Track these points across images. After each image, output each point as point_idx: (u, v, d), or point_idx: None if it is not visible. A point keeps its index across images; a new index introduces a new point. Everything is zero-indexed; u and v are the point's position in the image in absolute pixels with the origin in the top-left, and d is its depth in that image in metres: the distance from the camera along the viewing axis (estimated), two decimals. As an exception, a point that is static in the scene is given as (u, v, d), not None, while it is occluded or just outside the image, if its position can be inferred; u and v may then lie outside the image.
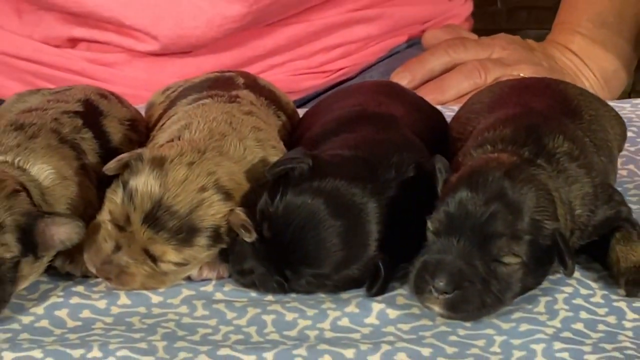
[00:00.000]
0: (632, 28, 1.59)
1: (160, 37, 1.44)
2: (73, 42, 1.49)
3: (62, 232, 0.95)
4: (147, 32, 1.44)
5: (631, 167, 1.19)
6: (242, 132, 1.03)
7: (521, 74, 1.47)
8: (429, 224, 0.95)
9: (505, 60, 1.51)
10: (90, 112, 1.07)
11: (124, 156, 0.98)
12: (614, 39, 1.59)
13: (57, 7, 1.43)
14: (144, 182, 0.96)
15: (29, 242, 0.94)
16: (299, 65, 1.52)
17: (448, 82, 1.48)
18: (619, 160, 1.13)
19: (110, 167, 0.98)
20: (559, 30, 1.61)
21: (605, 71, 1.59)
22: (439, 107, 1.23)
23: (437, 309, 0.94)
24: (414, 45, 1.58)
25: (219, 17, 1.43)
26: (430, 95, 1.44)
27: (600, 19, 1.58)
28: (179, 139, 1.01)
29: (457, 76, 1.48)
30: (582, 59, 1.58)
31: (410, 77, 1.47)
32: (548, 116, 1.04)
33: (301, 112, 1.20)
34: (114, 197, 0.97)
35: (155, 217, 0.95)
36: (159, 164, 0.97)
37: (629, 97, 1.41)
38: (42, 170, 0.98)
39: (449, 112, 1.20)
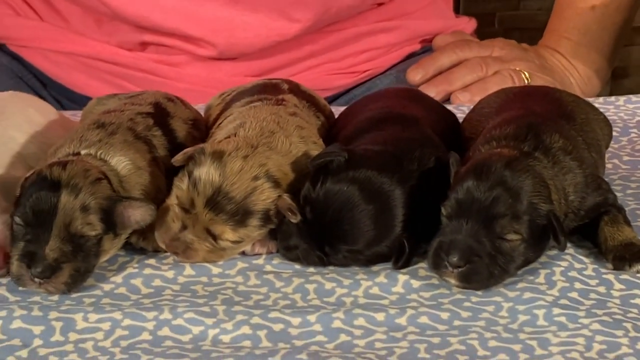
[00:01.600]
0: (612, 37, 1.58)
1: (217, 45, 1.43)
2: (143, 46, 1.48)
3: (137, 214, 0.94)
4: (206, 41, 1.43)
5: (615, 161, 1.18)
6: (288, 130, 1.02)
7: (517, 68, 1.47)
8: (443, 210, 0.94)
9: (504, 57, 1.50)
10: (160, 113, 1.06)
11: (188, 150, 0.98)
12: (595, 45, 1.57)
13: (129, 21, 1.43)
14: (206, 172, 0.95)
15: (110, 222, 0.93)
16: (332, 66, 1.52)
17: (455, 75, 1.47)
18: (605, 156, 1.12)
19: (177, 159, 0.98)
20: (549, 36, 1.60)
21: (587, 71, 1.57)
22: (451, 108, 1.21)
23: (452, 281, 0.94)
24: (426, 51, 1.58)
25: (265, 30, 1.43)
26: (440, 86, 1.44)
27: (584, 27, 1.57)
28: (235, 136, 1.00)
29: (463, 70, 1.48)
30: (568, 60, 1.57)
31: (424, 72, 1.47)
32: (546, 117, 1.04)
33: (334, 108, 1.19)
34: (181, 185, 0.97)
35: (216, 201, 0.95)
36: (218, 156, 0.96)
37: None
38: (120, 162, 0.97)
39: (460, 114, 1.19)
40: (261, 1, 1.42)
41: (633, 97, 1.34)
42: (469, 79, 1.46)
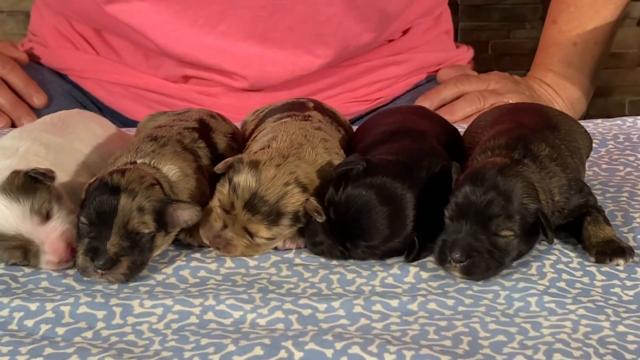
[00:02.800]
0: (591, 67, 1.58)
1: (249, 78, 1.44)
2: (185, 78, 1.49)
3: (186, 214, 0.95)
4: (239, 74, 1.44)
5: (595, 169, 1.18)
6: (314, 142, 1.02)
7: (510, 101, 1.47)
8: (445, 212, 0.95)
9: (499, 90, 1.50)
10: (203, 128, 1.07)
11: (229, 160, 0.98)
12: (577, 75, 1.58)
13: (174, 56, 1.44)
14: (244, 179, 0.96)
15: (162, 221, 0.94)
16: (349, 96, 1.52)
17: (457, 107, 1.47)
18: (586, 164, 1.12)
19: (219, 167, 0.98)
20: (537, 69, 1.60)
21: (571, 98, 1.57)
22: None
23: (456, 274, 0.94)
24: (431, 80, 1.58)
25: (291, 65, 1.43)
26: (444, 117, 1.43)
27: (567, 60, 1.57)
28: (268, 147, 1.01)
29: (463, 103, 1.48)
30: (554, 89, 1.57)
31: (429, 104, 1.46)
32: (534, 129, 1.03)
33: (353, 127, 1.19)
34: (222, 189, 0.97)
35: (253, 204, 0.95)
36: (254, 165, 0.97)
37: (585, 119, 1.41)
38: (171, 170, 0.98)
39: (461, 129, 1.20)
40: (287, 40, 1.42)
41: (606, 121, 1.34)
42: (469, 110, 1.46)
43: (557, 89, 1.57)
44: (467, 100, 1.47)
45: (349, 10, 1.41)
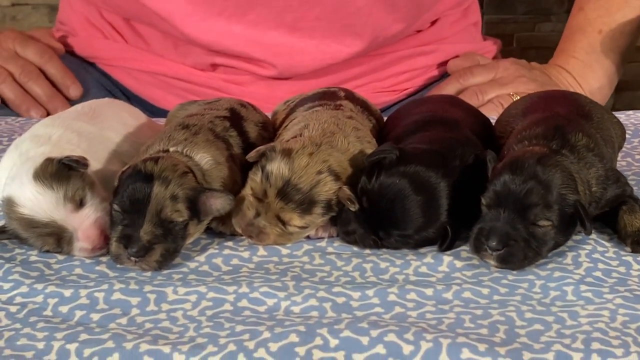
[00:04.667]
0: (615, 57, 1.56)
1: (277, 66, 1.44)
2: (214, 67, 1.48)
3: (218, 203, 0.94)
4: (268, 62, 1.44)
5: (629, 159, 1.17)
6: (346, 131, 1.02)
7: (510, 92, 1.45)
8: (483, 200, 0.94)
9: (504, 79, 1.48)
10: (235, 117, 1.07)
11: (261, 148, 0.98)
12: (599, 64, 1.56)
13: (203, 45, 1.43)
14: (277, 167, 0.95)
15: (195, 209, 0.93)
16: (377, 85, 1.51)
17: None
18: (620, 155, 1.11)
19: (252, 155, 0.98)
20: (559, 55, 1.59)
21: (591, 87, 1.55)
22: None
23: (492, 262, 0.93)
24: None
25: (320, 54, 1.43)
26: None
27: (590, 48, 1.55)
28: (301, 136, 1.00)
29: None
30: (574, 77, 1.55)
31: None
32: (569, 118, 1.02)
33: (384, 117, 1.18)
34: (255, 178, 0.97)
35: (285, 192, 0.95)
36: (287, 153, 0.96)
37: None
38: (203, 158, 0.97)
39: (493, 118, 1.19)
40: (317, 30, 1.42)
41: (639, 112, 1.33)
42: None
43: (577, 77, 1.55)
44: (465, 97, 1.46)
45: (379, 1, 1.40)
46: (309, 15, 1.39)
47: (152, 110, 1.49)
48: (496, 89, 1.46)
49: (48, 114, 1.42)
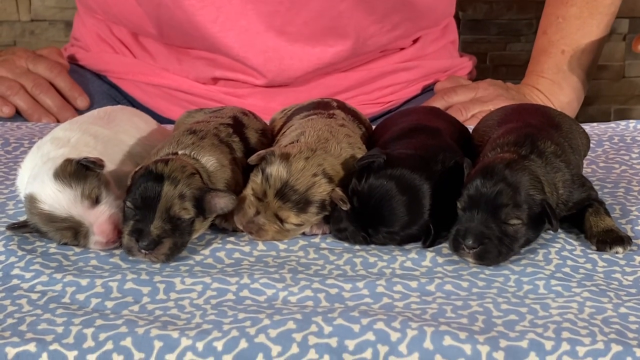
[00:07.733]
0: (580, 73, 1.57)
1: (267, 74, 1.43)
2: (215, 80, 1.48)
3: (222, 202, 0.94)
4: (259, 71, 1.43)
5: (593, 166, 1.17)
6: (339, 137, 1.02)
7: (494, 108, 1.45)
8: (458, 204, 0.94)
9: (484, 98, 1.49)
10: (237, 124, 1.06)
11: (261, 152, 0.97)
12: (566, 81, 1.56)
13: (202, 48, 1.42)
14: (276, 170, 0.95)
15: (200, 207, 0.93)
16: (363, 98, 1.51)
17: None
18: (585, 162, 1.12)
19: (253, 159, 0.98)
20: (529, 76, 1.59)
21: (561, 102, 1.56)
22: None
23: (469, 259, 0.93)
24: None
25: (307, 55, 1.43)
26: None
27: (556, 67, 1.56)
28: (297, 142, 1.00)
29: None
30: (545, 94, 1.56)
31: None
32: (540, 128, 1.02)
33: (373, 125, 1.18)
34: (256, 179, 0.97)
35: (283, 193, 0.95)
36: (285, 157, 0.96)
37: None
38: (209, 161, 0.97)
39: (470, 127, 1.19)
40: (303, 33, 1.41)
41: (602, 124, 1.33)
42: None
43: (548, 94, 1.56)
44: (451, 113, 1.46)
45: (359, 5, 1.40)
46: (296, 19, 1.39)
47: (157, 119, 1.47)
48: (477, 106, 1.47)
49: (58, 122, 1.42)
